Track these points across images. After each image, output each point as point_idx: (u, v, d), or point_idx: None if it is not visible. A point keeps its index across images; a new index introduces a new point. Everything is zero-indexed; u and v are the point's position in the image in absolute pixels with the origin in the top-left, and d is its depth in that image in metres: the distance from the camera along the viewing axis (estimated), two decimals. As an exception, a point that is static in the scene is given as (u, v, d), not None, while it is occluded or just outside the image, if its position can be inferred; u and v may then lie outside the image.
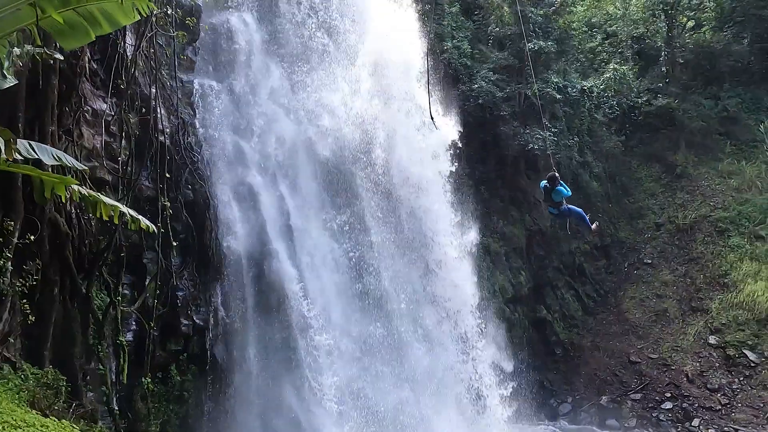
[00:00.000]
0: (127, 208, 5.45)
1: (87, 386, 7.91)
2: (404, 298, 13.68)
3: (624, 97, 22.24)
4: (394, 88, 14.76)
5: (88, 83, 8.78)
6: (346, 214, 13.23)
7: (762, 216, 19.60)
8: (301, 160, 12.83)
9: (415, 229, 14.61)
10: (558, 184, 10.10)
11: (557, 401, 18.11)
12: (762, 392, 15.78)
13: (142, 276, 9.44)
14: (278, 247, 11.41)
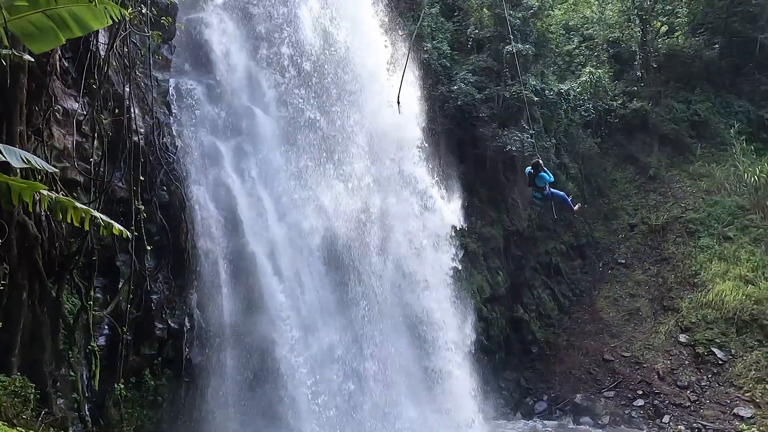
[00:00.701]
0: (99, 213, 5.33)
1: (57, 393, 7.71)
2: (385, 299, 13.70)
3: (600, 100, 22.65)
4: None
5: (58, 82, 8.55)
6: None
7: (730, 217, 20.20)
8: (279, 158, 12.72)
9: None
10: (541, 170, 10.90)
11: (533, 399, 18.40)
12: (729, 389, 16.28)
13: (115, 279, 9.24)
14: (255, 248, 11.32)
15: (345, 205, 13.05)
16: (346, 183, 13.36)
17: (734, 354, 16.86)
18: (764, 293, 17.37)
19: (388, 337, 13.28)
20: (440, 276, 15.27)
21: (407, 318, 14.23)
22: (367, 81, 14.45)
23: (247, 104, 12.26)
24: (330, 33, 13.81)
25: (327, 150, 13.27)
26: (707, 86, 24.28)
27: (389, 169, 14.79)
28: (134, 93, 9.49)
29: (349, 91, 14.03)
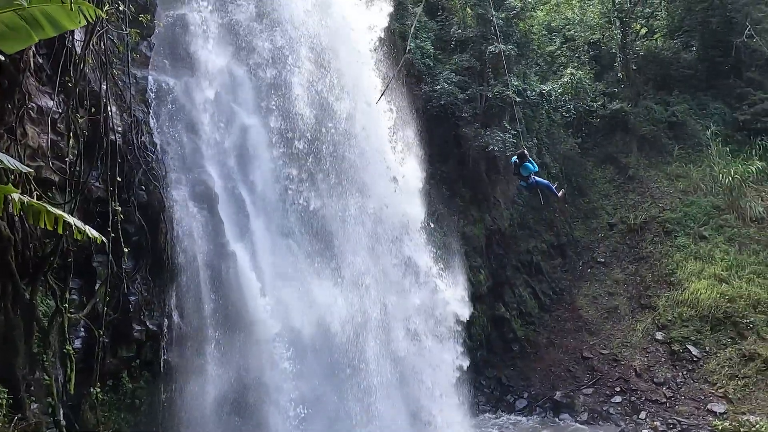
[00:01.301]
0: (73, 218, 5.21)
1: (31, 398, 7.54)
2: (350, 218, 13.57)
3: (580, 101, 22.92)
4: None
5: (32, 79, 8.33)
6: (307, 213, 13.06)
7: (706, 217, 20.65)
8: (261, 159, 12.61)
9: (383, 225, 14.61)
10: (526, 160, 11.68)
11: (514, 396, 18.62)
12: (703, 385, 16.68)
13: (92, 280, 9.06)
14: (236, 249, 11.21)
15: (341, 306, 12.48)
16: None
17: (708, 351, 17.28)
18: (737, 291, 17.82)
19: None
20: (445, 378, 14.88)
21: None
22: (370, 157, 14.21)
23: (231, 104, 12.12)
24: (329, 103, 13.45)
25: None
26: (685, 88, 24.76)
27: (390, 258, 14.42)
28: (111, 91, 9.30)
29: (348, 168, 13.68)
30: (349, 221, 13.40)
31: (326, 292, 12.29)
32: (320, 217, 12.84)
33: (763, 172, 20.90)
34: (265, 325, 10.78)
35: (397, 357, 13.67)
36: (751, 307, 17.37)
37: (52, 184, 8.54)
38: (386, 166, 14.85)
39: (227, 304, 10.66)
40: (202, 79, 11.86)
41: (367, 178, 14.00)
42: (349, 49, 14.42)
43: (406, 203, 15.10)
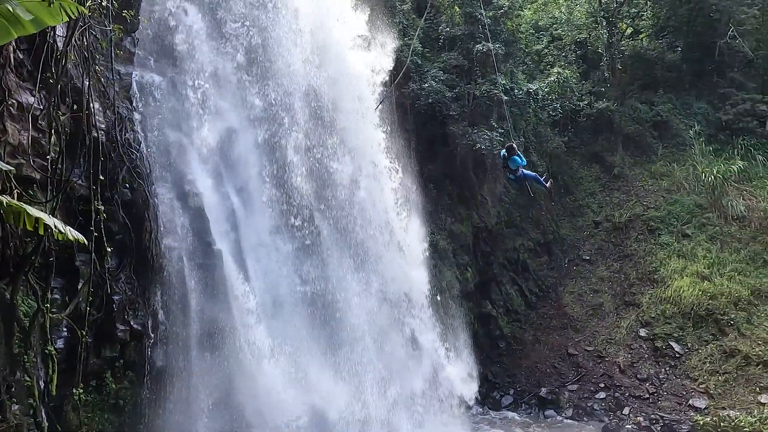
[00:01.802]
0: (54, 219, 5.13)
1: (11, 399, 7.42)
2: (354, 298, 13.69)
3: (567, 100, 23.09)
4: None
5: (12, 75, 8.18)
6: (293, 210, 13.04)
7: (689, 216, 20.95)
8: (248, 157, 12.53)
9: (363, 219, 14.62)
10: (515, 153, 11.99)
11: (500, 393, 18.78)
12: (685, 381, 16.96)
13: (75, 279, 8.93)
14: (222, 247, 11.14)
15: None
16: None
17: (690, 347, 17.56)
18: (719, 289, 18.12)
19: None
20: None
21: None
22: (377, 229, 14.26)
23: (218, 101, 12.00)
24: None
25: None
26: (669, 88, 25.05)
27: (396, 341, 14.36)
28: (94, 87, 9.17)
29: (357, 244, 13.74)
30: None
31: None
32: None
33: (744, 172, 21.24)
34: (252, 325, 10.72)
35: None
36: (732, 305, 17.68)
37: (34, 182, 8.39)
38: (390, 231, 14.79)
39: (213, 303, 10.58)
40: (188, 75, 11.74)
41: (371, 248, 13.90)
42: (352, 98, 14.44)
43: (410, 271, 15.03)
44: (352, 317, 13.12)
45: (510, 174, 12.58)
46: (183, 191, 10.89)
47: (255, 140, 12.53)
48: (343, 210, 13.79)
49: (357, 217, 13.90)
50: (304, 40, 13.60)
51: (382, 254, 14.33)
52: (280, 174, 12.87)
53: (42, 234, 5.37)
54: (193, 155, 11.29)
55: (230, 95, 12.36)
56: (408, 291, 14.94)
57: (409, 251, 15.28)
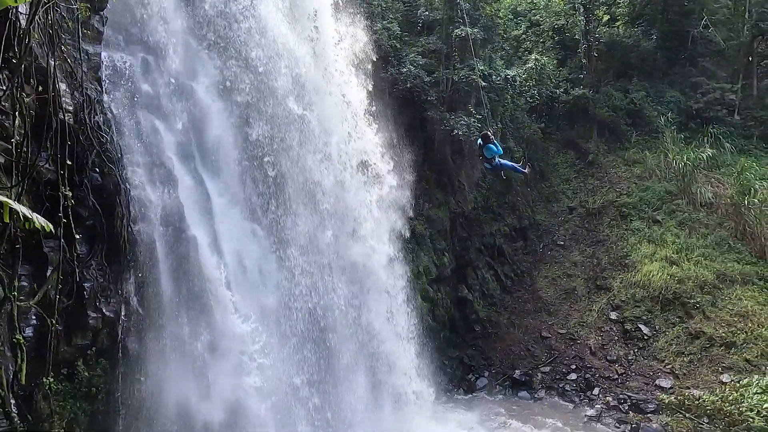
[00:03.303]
0: (19, 205, 4.95)
1: (-22, 389, 7.27)
2: (330, 279, 13.70)
3: (544, 87, 23.26)
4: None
5: (-28, 53, 7.81)
6: (269, 195, 12.92)
7: (659, 202, 21.50)
8: (222, 139, 12.29)
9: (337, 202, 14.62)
10: (490, 141, 11.74)
11: (475, 376, 19.16)
12: (652, 362, 17.55)
13: (43, 266, 8.65)
14: (197, 232, 10.96)
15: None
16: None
17: (658, 330, 18.15)
18: (686, 273, 18.72)
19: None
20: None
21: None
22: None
23: (191, 83, 11.70)
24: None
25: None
26: (643, 76, 25.47)
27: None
28: (61, 67, 8.81)
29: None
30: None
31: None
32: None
33: (713, 159, 21.85)
34: (227, 310, 10.64)
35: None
36: (698, 288, 18.30)
37: (-2, 166, 8.07)
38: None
39: (188, 290, 10.45)
40: (159, 56, 11.40)
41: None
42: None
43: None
44: (335, 308, 13.17)
45: (486, 163, 12.32)
46: (155, 176, 10.63)
47: (230, 123, 12.29)
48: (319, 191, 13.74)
49: (333, 198, 13.83)
50: (280, 16, 13.35)
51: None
52: (256, 157, 12.69)
53: (6, 221, 5.18)
54: (166, 138, 11.00)
55: (204, 76, 12.05)
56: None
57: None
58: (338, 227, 14.11)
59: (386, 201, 16.16)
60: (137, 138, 10.64)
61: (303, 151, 13.48)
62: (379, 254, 15.14)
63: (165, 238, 10.40)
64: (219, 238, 11.34)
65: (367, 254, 14.81)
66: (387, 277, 15.39)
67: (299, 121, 13.43)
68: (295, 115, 13.45)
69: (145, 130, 10.81)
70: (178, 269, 10.43)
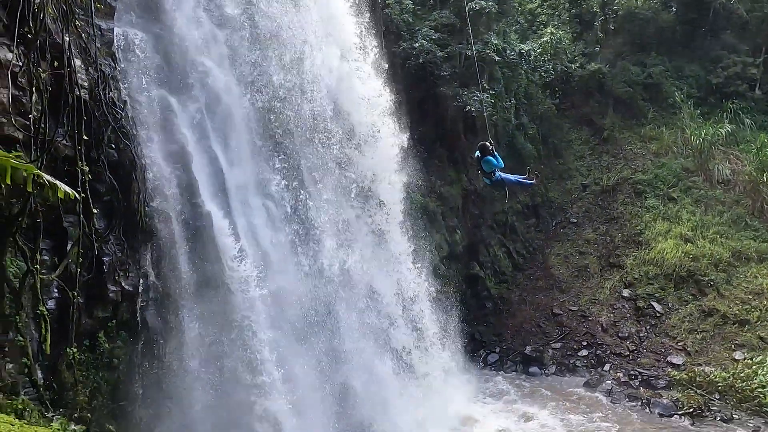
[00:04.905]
0: (44, 174, 5.03)
1: (5, 359, 7.50)
2: (343, 253, 13.81)
3: (559, 61, 22.81)
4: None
5: (-12, 29, 7.86)
6: (282, 171, 12.96)
7: (675, 179, 21.21)
8: (235, 115, 12.29)
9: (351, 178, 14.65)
10: (489, 153, 10.07)
11: (486, 351, 19.36)
12: (664, 339, 17.58)
13: (63, 241, 8.84)
14: (211, 207, 11.06)
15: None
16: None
17: (671, 307, 18.12)
18: (701, 251, 18.56)
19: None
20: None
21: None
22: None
23: (203, 59, 11.66)
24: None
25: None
26: (662, 50, 24.83)
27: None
28: (75, 43, 8.84)
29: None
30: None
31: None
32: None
33: (732, 135, 21.41)
34: (242, 283, 10.80)
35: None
36: (712, 266, 18.17)
37: (17, 142, 8.16)
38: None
39: (204, 264, 10.60)
40: (172, 31, 11.35)
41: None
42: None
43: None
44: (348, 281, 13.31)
45: (485, 177, 10.53)
46: (170, 152, 10.70)
47: (243, 99, 12.27)
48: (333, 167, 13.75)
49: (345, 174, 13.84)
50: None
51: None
52: (270, 133, 12.71)
53: (30, 190, 5.27)
54: (179, 114, 11.03)
55: (217, 52, 12.00)
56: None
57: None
58: (352, 202, 14.16)
59: (399, 180, 16.12)
60: (151, 114, 10.68)
61: (316, 125, 13.44)
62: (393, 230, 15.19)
63: (181, 214, 10.52)
64: (233, 213, 11.45)
65: (382, 230, 14.87)
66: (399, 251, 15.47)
67: (310, 94, 13.38)
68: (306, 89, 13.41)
69: (158, 107, 10.83)
70: (194, 244, 10.57)
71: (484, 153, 10.10)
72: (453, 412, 14.91)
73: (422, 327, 15.77)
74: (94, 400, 8.76)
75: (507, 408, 15.58)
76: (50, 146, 8.32)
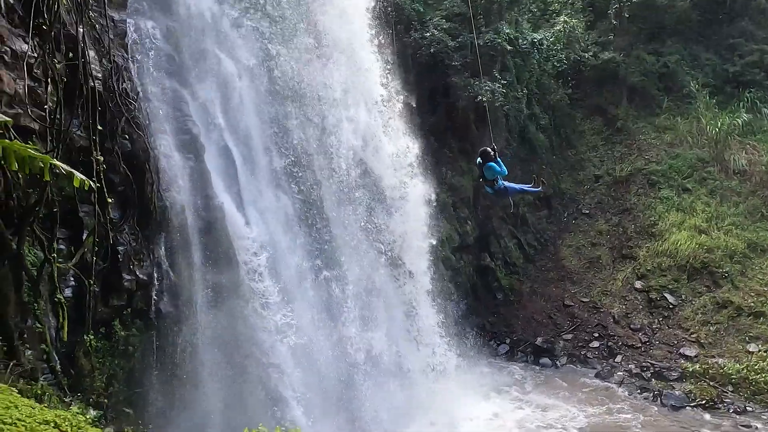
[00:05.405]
0: (60, 163, 5.11)
1: (24, 345, 7.65)
2: (354, 245, 13.88)
3: (572, 51, 22.51)
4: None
5: (4, 20, 7.94)
6: (292, 161, 13.01)
7: (690, 170, 20.92)
8: (246, 106, 12.35)
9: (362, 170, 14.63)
10: (491, 159, 9.36)
11: (496, 342, 19.36)
12: (677, 331, 17.44)
13: (79, 231, 8.99)
14: (224, 198, 11.17)
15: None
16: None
17: (684, 299, 17.95)
18: (716, 242, 18.34)
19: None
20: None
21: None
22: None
23: (211, 48, 11.71)
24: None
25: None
26: (677, 38, 24.39)
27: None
28: (89, 34, 8.92)
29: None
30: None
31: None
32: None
33: (749, 125, 21.03)
34: (255, 273, 10.91)
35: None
36: (727, 257, 17.95)
37: (33, 132, 8.28)
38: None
39: (217, 255, 10.71)
40: (183, 23, 11.40)
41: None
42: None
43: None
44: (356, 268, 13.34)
45: (487, 186, 9.79)
46: (183, 142, 10.79)
47: (255, 90, 12.32)
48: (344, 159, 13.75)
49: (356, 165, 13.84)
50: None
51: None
52: (281, 125, 12.76)
53: (47, 179, 5.36)
54: (192, 105, 11.12)
55: (228, 43, 12.04)
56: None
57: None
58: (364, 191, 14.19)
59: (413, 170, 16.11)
60: (164, 105, 10.77)
61: (328, 114, 13.45)
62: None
63: (193, 204, 10.63)
64: (245, 204, 11.54)
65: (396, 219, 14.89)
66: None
67: (324, 86, 13.37)
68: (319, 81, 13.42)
69: (171, 98, 10.92)
70: (206, 234, 10.68)
71: (485, 159, 9.38)
72: (468, 402, 14.97)
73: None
74: (110, 387, 8.93)
75: (523, 398, 15.62)
76: (65, 137, 8.43)
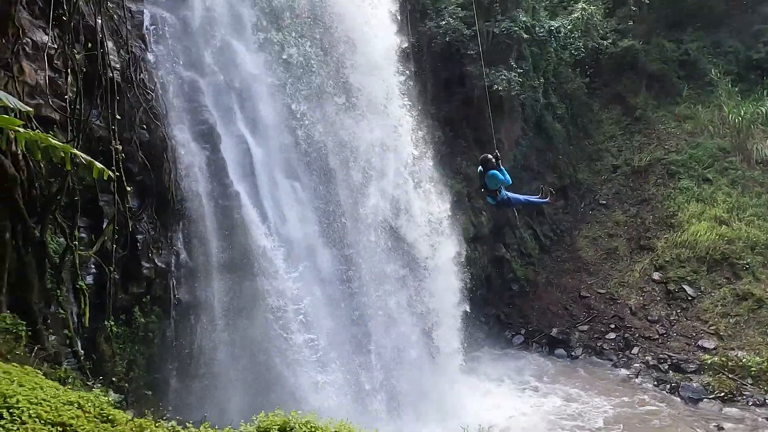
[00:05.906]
0: (80, 153, 5.22)
1: (48, 330, 7.88)
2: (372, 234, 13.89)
3: (590, 38, 22.12)
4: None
5: (25, 12, 8.10)
6: (309, 153, 13.05)
7: (711, 160, 20.50)
8: (263, 98, 12.40)
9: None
10: (493, 167, 8.63)
11: (511, 333, 19.31)
12: (695, 323, 17.20)
13: (99, 219, 9.20)
14: (240, 188, 11.26)
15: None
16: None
17: (703, 291, 17.68)
18: (737, 233, 18.00)
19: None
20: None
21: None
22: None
23: (231, 40, 11.76)
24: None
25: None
26: (699, 25, 23.81)
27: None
28: (107, 25, 9.03)
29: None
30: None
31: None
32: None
33: (772, 113, 20.50)
34: (271, 260, 11.01)
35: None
36: (748, 249, 17.60)
37: (54, 122, 8.47)
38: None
39: (233, 243, 10.83)
40: (199, 13, 11.46)
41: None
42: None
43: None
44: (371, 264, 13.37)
45: (489, 196, 9.04)
46: (199, 132, 10.90)
47: (271, 82, 12.36)
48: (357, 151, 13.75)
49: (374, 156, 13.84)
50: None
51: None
52: (296, 115, 12.78)
53: (68, 168, 5.48)
54: (209, 96, 11.20)
55: (246, 34, 12.08)
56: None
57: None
58: (378, 183, 14.18)
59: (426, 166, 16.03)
60: (180, 95, 10.87)
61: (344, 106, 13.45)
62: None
63: (210, 193, 10.75)
64: (261, 193, 11.62)
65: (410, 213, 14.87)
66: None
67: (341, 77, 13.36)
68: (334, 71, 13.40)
69: (187, 88, 11.01)
70: (223, 223, 10.80)
71: (487, 167, 8.64)
72: (485, 389, 14.97)
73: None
74: (131, 372, 9.15)
75: (548, 389, 15.54)
76: (85, 127, 8.58)
